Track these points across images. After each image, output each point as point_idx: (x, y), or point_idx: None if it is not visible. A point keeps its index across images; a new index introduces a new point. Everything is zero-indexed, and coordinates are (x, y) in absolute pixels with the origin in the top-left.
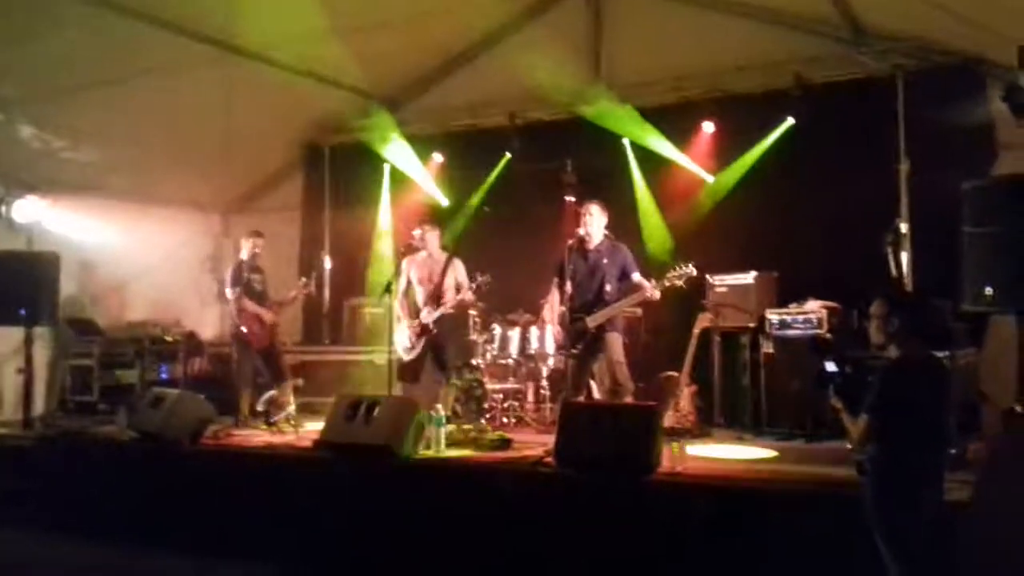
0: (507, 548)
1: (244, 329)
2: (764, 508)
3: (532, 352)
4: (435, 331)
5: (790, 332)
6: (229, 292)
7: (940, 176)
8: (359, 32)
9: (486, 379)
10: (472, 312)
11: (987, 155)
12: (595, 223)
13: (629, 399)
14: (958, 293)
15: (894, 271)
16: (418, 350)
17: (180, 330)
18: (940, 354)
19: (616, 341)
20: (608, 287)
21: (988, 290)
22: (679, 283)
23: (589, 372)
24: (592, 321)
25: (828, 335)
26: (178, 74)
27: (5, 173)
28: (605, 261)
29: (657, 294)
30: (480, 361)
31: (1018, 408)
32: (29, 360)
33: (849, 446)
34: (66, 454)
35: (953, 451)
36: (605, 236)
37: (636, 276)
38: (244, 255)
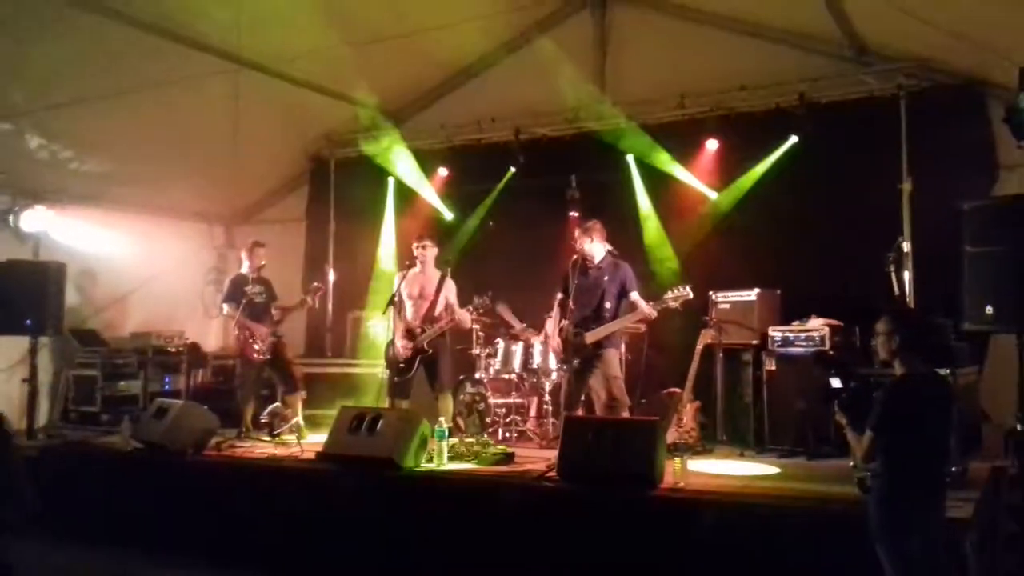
0: (509, 562)
1: (244, 343)
2: (765, 524)
3: (535, 367)
4: (429, 351)
5: (793, 349)
6: (225, 308)
7: (942, 195)
8: (366, 46)
9: (488, 393)
10: (475, 326)
11: (988, 175)
12: (582, 244)
13: (626, 414)
14: (959, 312)
15: (896, 289)
16: (411, 369)
17: (183, 341)
18: (942, 372)
19: (613, 357)
20: (607, 304)
21: (988, 309)
22: (675, 305)
23: (586, 386)
24: (590, 337)
25: (832, 351)
26: (185, 86)
27: (13, 183)
28: (606, 278)
29: (653, 314)
30: (483, 375)
31: (1019, 427)
32: (34, 370)
33: (851, 463)
34: (70, 464)
35: (954, 469)
36: (608, 253)
37: (634, 295)
38: (245, 268)
